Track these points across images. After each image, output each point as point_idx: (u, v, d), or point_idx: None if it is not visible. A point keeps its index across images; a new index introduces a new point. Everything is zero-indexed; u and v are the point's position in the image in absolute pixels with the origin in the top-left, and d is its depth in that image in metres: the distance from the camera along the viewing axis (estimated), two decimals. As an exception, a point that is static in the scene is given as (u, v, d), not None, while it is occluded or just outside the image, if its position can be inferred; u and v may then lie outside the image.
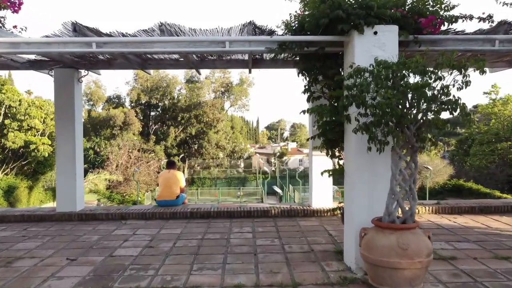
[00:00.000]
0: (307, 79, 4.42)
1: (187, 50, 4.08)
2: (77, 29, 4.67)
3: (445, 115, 3.05)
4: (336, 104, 4.18)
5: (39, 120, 27.94)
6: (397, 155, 3.21)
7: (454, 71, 2.96)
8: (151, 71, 6.87)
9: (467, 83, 2.97)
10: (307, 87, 4.41)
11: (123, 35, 4.35)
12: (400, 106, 2.86)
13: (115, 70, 6.28)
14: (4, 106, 26.60)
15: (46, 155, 26.84)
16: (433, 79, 2.99)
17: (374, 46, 3.63)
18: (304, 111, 4.42)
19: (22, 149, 27.57)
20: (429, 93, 2.97)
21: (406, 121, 2.88)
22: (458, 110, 2.94)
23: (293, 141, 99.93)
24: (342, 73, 4.13)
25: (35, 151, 26.50)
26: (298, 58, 4.50)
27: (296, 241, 4.83)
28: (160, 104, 58.87)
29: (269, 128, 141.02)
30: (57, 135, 6.35)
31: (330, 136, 4.02)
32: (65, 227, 5.77)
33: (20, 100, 27.27)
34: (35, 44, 4.05)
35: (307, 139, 4.32)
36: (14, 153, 28.32)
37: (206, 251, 4.47)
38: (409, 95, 2.97)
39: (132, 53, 4.41)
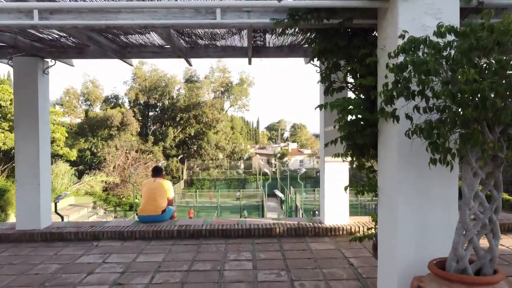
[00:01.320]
0: (325, 64, 3.33)
1: (164, 23, 3.00)
2: None
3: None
4: (365, 96, 3.11)
5: (31, 120, 26.90)
6: (471, 170, 2.12)
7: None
8: (133, 61, 5.79)
9: None
10: (324, 74, 3.33)
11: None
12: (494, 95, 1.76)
13: (88, 60, 5.22)
14: (-6, 105, 25.57)
15: (38, 156, 25.71)
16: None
17: (425, 13, 2.55)
18: (320, 106, 3.33)
19: (13, 150, 26.50)
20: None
21: (504, 118, 1.78)
22: None
23: (293, 141, 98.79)
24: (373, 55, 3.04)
25: (26, 152, 25.40)
26: (313, 36, 3.40)
27: (309, 275, 3.74)
28: (158, 104, 57.80)
29: (269, 128, 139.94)
30: (16, 138, 5.26)
31: (359, 140, 2.92)
32: (22, 251, 4.68)
33: (11, 100, 26.18)
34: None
35: (327, 144, 3.23)
36: (5, 154, 27.25)
37: (191, 291, 3.39)
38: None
39: (89, 27, 3.32)
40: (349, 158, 3.32)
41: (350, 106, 2.82)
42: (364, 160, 3.14)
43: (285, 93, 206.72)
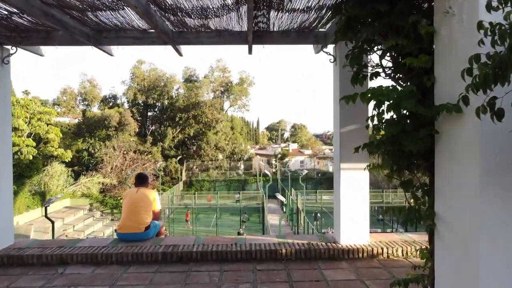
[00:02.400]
0: (353, 41, 2.43)
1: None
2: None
3: None
4: (415, 84, 2.20)
5: (24, 120, 25.95)
6: None
7: None
8: (112, 50, 4.88)
9: None
10: (353, 56, 2.42)
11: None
12: None
13: (57, 47, 4.25)
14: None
15: (31, 157, 24.79)
16: None
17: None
18: (347, 98, 2.40)
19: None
20: None
21: None
22: None
23: (293, 142, 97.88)
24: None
25: (18, 153, 24.48)
26: (338, 1, 2.48)
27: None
28: (157, 104, 56.90)
29: (269, 128, 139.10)
30: (-33, 140, 4.36)
31: (408, 146, 2.02)
32: (-32, 281, 3.78)
33: (3, 99, 25.35)
34: None
35: (358, 149, 2.29)
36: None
37: None
38: None
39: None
40: (385, 171, 2.41)
41: (400, 97, 1.91)
42: (413, 174, 2.23)
43: (285, 92, 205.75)
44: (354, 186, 4.39)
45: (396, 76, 2.36)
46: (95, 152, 44.83)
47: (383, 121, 2.12)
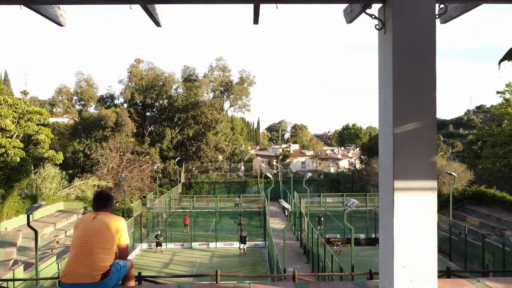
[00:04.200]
0: None
1: None
2: None
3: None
4: None
5: (11, 120, 24.50)
6: None
7: None
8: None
9: None
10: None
11: None
12: None
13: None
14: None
15: (18, 160, 23.31)
16: None
17: None
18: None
19: None
20: None
21: None
22: None
23: (294, 142, 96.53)
24: None
25: (5, 155, 23.01)
26: None
27: None
28: (155, 104, 55.50)
29: (269, 129, 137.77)
30: None
31: None
32: None
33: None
34: None
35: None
36: None
37: None
38: None
39: None
40: None
41: None
42: None
43: (286, 92, 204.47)
44: (416, 215, 2.90)
45: None
46: (91, 153, 43.39)
47: None
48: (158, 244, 26.29)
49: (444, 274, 10.85)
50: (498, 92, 48.53)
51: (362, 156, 54.27)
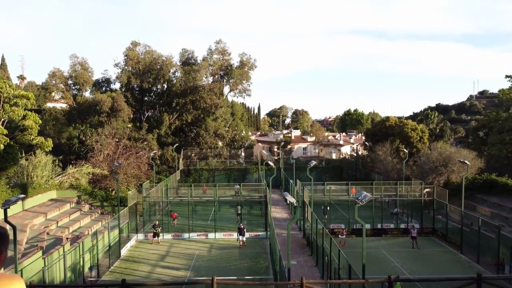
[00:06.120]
0: None
1: None
2: None
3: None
4: None
5: (-5, 105, 22.96)
6: None
7: None
8: None
9: None
10: None
11: None
12: None
13: None
14: None
15: (2, 147, 21.79)
16: None
17: None
18: None
19: (-26, 141, 22.60)
20: None
21: None
22: None
23: (295, 128, 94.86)
24: None
25: (-13, 143, 21.52)
26: None
27: None
28: (153, 88, 53.68)
29: (270, 114, 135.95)
30: None
31: None
32: None
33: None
34: None
35: None
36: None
37: None
38: None
39: None
40: None
41: None
42: None
43: (287, 76, 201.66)
44: None
45: None
46: (86, 139, 41.82)
47: None
48: (156, 234, 25.04)
49: (474, 282, 9.20)
50: (507, 76, 46.69)
51: (366, 143, 52.69)
